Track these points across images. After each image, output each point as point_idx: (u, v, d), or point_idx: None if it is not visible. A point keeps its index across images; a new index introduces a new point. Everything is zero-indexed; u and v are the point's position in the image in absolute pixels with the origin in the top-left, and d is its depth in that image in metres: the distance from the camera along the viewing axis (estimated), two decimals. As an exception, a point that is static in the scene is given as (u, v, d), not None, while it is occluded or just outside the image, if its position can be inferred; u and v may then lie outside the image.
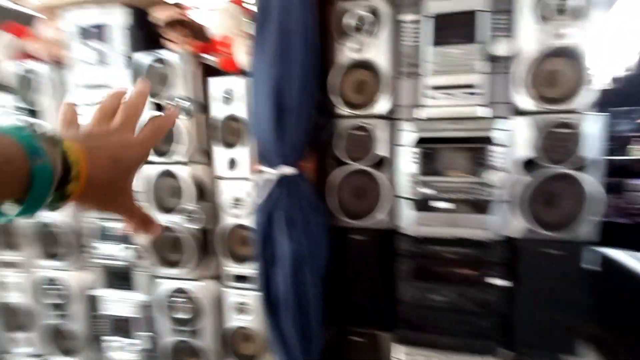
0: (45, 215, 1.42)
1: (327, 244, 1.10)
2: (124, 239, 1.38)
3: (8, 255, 1.54)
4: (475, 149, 1.05)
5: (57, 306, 1.48)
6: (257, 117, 0.99)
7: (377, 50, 1.09)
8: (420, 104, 1.07)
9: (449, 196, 1.08)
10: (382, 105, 1.11)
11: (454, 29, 1.02)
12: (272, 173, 1.01)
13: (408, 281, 1.12)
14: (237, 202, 1.28)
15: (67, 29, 1.36)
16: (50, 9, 1.37)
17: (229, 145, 1.26)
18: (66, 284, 1.46)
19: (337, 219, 1.16)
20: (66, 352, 1.53)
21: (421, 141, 1.08)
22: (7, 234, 1.53)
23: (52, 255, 1.47)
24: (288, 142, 0.98)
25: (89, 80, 1.33)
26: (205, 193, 1.32)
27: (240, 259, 1.30)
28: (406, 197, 1.10)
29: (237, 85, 1.22)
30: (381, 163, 1.15)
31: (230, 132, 1.28)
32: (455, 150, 1.10)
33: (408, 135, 1.09)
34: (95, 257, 1.42)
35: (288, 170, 1.00)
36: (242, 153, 1.26)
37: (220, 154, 1.27)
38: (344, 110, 1.12)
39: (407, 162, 1.10)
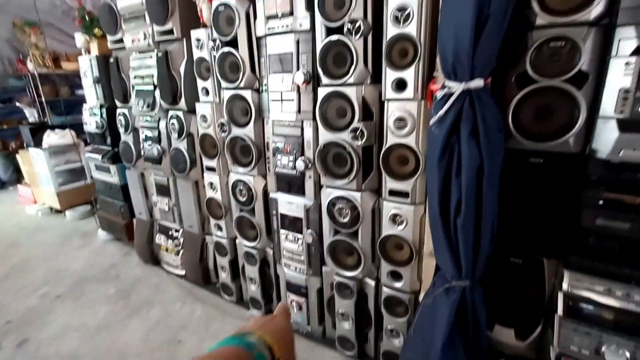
0: (239, 132, 1.79)
1: (502, 164, 1.09)
2: (295, 153, 1.64)
3: (209, 162, 2.03)
4: None
5: (244, 203, 1.92)
6: (451, 27, 0.98)
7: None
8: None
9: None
10: (595, 9, 0.96)
11: None
12: (456, 86, 1.02)
13: (595, 208, 1.05)
14: (401, 122, 1.35)
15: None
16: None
17: (398, 66, 1.31)
18: (251, 186, 1.85)
19: (513, 140, 1.12)
20: (249, 238, 2.00)
21: (647, 49, 0.92)
22: (209, 145, 2.00)
23: (241, 163, 1.87)
24: (483, 53, 0.96)
25: (271, 11, 1.51)
26: (371, 113, 1.43)
27: (398, 176, 1.42)
28: (610, 117, 0.98)
29: (412, 2, 1.22)
30: (578, 79, 1.03)
31: (400, 53, 1.31)
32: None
33: (628, 42, 0.93)
34: (273, 166, 1.75)
35: (476, 83, 0.99)
36: (410, 74, 1.30)
37: (389, 75, 1.33)
38: (542, 17, 1.01)
39: (619, 76, 0.96)
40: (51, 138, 3.71)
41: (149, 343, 1.94)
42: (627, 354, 1.06)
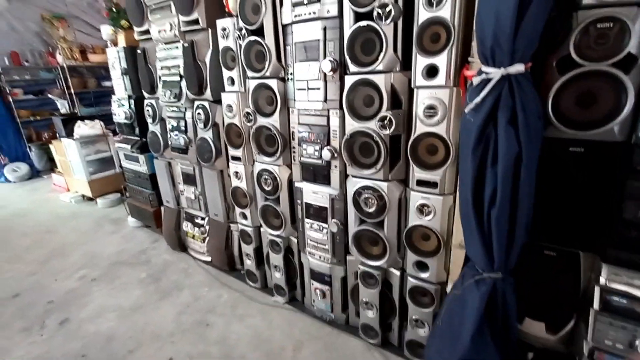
0: (264, 121, 1.80)
1: (539, 153, 1.05)
2: (321, 143, 1.64)
3: (235, 151, 2.06)
4: None
5: (269, 192, 1.95)
6: (491, 7, 0.93)
7: None
8: None
9: None
10: (651, -15, 0.89)
11: None
12: (494, 72, 0.99)
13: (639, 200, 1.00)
14: (431, 110, 1.32)
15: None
16: None
17: (429, 52, 1.27)
18: (276, 175, 1.87)
19: (552, 129, 1.08)
20: (274, 227, 2.03)
21: None
22: (235, 135, 2.02)
23: (266, 153, 1.89)
24: (525, 35, 0.91)
25: (300, -3, 1.50)
26: (400, 101, 1.40)
27: (427, 166, 1.39)
28: (662, 103, 0.93)
29: (446, -16, 1.17)
30: (625, 62, 0.97)
31: (432, 39, 1.27)
32: None
33: (687, 22, 0.87)
34: (299, 155, 1.76)
35: (516, 68, 0.95)
36: (442, 60, 1.26)
37: (420, 61, 1.30)
38: (590, -3, 0.96)
39: (674, 59, 0.90)
40: (82, 129, 3.86)
41: (180, 325, 2.03)
42: (666, 350, 1.03)
